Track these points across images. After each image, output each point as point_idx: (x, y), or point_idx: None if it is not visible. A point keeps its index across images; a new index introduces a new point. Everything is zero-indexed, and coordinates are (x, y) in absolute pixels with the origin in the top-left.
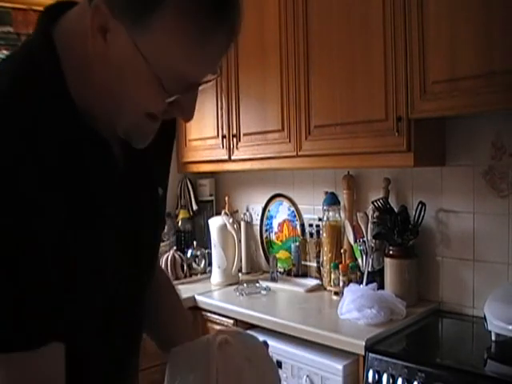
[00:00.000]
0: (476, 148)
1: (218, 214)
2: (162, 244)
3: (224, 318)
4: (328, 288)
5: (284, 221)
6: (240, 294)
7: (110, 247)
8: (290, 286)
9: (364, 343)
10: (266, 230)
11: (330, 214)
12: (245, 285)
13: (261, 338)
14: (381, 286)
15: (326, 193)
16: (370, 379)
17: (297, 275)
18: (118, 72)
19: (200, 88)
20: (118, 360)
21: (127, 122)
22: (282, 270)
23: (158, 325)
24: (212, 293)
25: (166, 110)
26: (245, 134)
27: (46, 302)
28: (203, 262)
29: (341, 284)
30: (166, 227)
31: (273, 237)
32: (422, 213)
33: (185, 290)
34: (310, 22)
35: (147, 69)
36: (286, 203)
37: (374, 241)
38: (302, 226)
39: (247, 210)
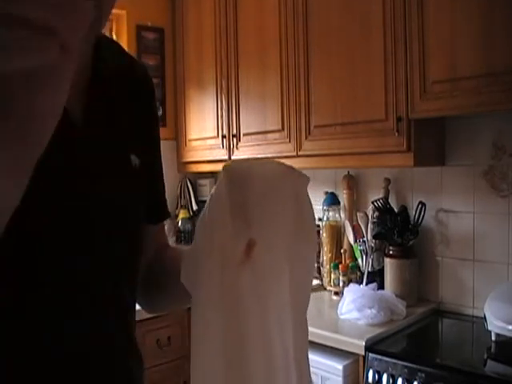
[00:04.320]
0: (476, 148)
1: None
2: None
3: None
4: (328, 288)
5: None
6: None
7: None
8: None
9: (364, 343)
10: None
11: (330, 214)
12: None
13: None
14: (381, 286)
15: (326, 193)
16: (370, 379)
17: None
18: None
19: None
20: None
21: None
22: None
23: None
24: None
25: None
26: (245, 134)
27: None
28: None
29: (341, 284)
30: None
31: None
32: (422, 213)
33: None
34: (310, 22)
35: None
36: None
37: (374, 241)
38: None
39: None
